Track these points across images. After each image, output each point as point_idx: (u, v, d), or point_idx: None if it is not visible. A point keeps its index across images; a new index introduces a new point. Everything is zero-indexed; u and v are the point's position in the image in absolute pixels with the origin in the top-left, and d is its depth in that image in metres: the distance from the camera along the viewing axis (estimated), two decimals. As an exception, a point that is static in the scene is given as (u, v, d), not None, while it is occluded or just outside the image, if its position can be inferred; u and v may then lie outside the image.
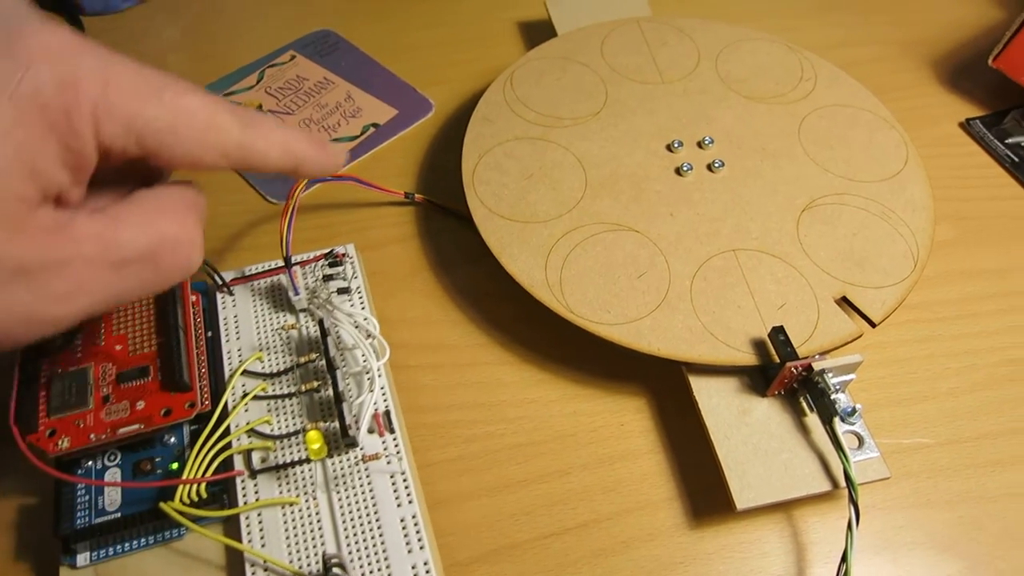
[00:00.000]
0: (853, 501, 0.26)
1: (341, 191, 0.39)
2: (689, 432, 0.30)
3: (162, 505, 0.24)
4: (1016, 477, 0.30)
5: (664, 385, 0.32)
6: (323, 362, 0.28)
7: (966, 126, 0.43)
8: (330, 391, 0.27)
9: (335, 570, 0.21)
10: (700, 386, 0.29)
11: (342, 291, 0.30)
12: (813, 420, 0.29)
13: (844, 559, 0.26)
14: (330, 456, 0.27)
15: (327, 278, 0.30)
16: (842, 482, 0.27)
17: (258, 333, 0.30)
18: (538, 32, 0.45)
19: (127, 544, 0.26)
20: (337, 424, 0.26)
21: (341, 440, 0.26)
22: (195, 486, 0.25)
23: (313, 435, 0.25)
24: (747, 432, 0.28)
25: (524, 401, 0.32)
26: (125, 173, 0.22)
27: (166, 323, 0.28)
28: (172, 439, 0.28)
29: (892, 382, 0.32)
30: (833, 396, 0.28)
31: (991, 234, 0.38)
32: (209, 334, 0.30)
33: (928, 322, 0.34)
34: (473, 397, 0.32)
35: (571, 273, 0.31)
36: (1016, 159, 0.41)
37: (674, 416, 0.31)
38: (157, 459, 0.27)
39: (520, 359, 0.33)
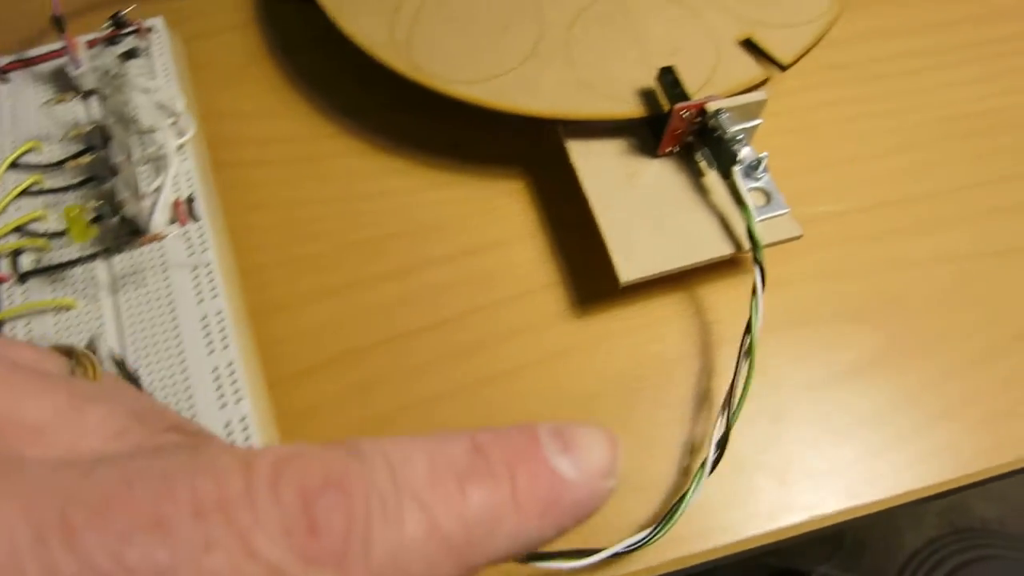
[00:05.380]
0: (757, 261, 0.22)
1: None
2: (572, 212, 0.25)
3: None
4: (941, 241, 0.26)
5: (544, 163, 0.27)
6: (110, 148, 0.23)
7: None
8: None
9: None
10: (579, 150, 0.24)
11: (129, 55, 0.24)
12: (714, 180, 0.24)
13: (748, 330, 0.22)
14: (118, 251, 0.22)
15: (111, 42, 0.24)
16: (745, 244, 0.23)
17: (40, 123, 0.24)
18: None
19: None
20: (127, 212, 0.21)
21: (119, 227, 0.21)
22: (-59, 294, 0.20)
23: (70, 210, 0.20)
24: (635, 197, 0.24)
25: (380, 193, 0.26)
26: None
27: None
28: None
29: (807, 147, 0.28)
30: (731, 141, 0.23)
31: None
32: (-24, 131, 0.25)
33: (854, 81, 0.30)
34: (318, 191, 0.26)
35: (423, 30, 0.25)
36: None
37: (554, 197, 0.26)
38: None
39: (376, 148, 0.27)
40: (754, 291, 0.22)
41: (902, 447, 0.22)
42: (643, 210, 0.23)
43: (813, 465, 0.22)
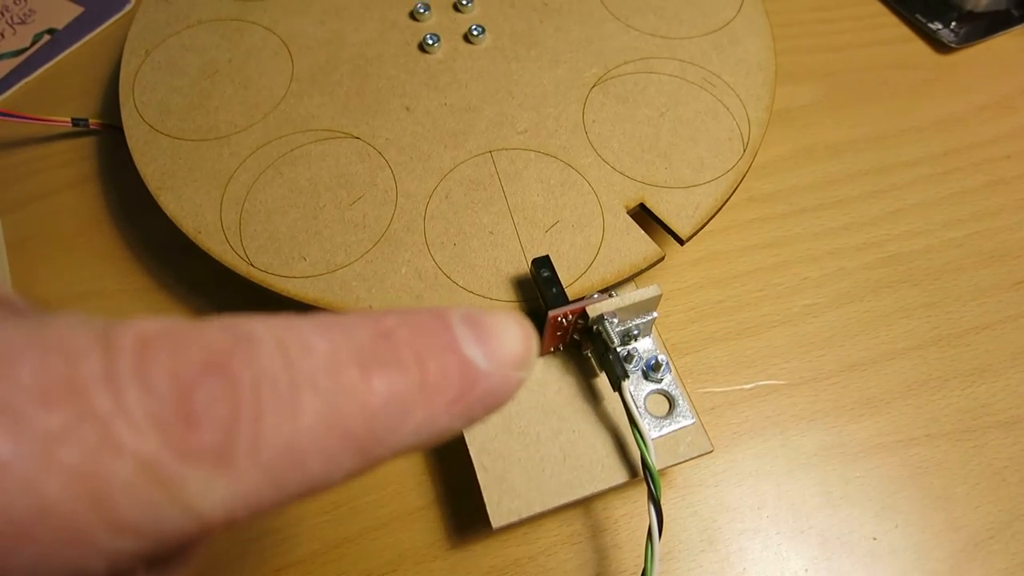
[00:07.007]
0: (654, 500, 0.18)
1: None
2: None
3: None
4: (890, 420, 0.22)
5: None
6: None
7: (836, -45, 0.33)
8: None
9: None
10: (447, 352, 0.20)
11: None
12: (606, 381, 0.20)
13: (642, 584, 0.18)
14: None
15: None
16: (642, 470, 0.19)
17: None
18: None
19: None
20: None
21: None
22: None
23: None
24: (513, 410, 0.20)
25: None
26: None
27: None
28: None
29: (731, 307, 0.24)
30: (620, 348, 0.19)
31: (864, 90, 0.29)
32: None
33: (780, 218, 0.26)
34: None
35: (257, 208, 0.21)
36: (898, -10, 0.32)
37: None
38: None
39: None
40: (649, 535, 0.18)
41: None
42: (523, 427, 0.20)
43: None
